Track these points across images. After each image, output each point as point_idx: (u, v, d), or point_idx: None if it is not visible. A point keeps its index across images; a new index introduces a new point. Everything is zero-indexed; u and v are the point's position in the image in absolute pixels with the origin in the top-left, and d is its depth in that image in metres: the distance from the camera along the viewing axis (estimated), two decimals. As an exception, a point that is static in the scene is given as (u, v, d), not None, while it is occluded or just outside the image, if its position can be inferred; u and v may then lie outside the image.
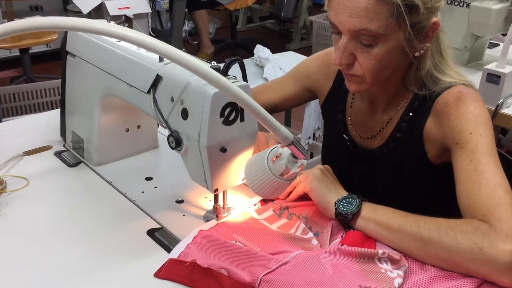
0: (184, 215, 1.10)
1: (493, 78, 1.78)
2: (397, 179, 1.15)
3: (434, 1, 0.97)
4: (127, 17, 3.85)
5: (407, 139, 1.11)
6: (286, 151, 0.95)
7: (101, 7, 3.81)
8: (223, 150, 0.97)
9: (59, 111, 1.39)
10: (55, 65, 4.26)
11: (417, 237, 0.91)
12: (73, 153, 1.34)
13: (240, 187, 1.12)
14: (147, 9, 4.07)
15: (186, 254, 0.95)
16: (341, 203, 1.02)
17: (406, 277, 0.89)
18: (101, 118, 1.24)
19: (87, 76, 1.24)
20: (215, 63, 0.93)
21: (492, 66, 1.80)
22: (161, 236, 1.03)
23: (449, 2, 2.10)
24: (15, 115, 2.36)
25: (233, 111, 0.95)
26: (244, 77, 1.01)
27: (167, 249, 0.99)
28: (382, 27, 0.94)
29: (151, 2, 4.26)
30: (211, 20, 5.15)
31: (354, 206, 1.00)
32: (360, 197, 1.02)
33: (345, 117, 1.23)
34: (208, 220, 1.07)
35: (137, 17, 4.04)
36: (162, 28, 4.76)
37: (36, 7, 4.44)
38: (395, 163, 1.14)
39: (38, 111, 2.39)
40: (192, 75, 0.81)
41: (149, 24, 4.24)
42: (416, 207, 0.97)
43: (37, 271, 0.94)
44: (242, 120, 0.98)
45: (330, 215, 1.04)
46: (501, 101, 1.77)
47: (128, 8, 3.86)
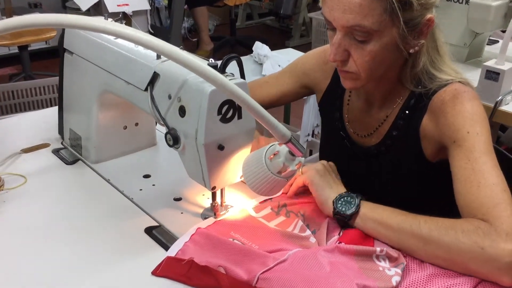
0: (182, 213, 1.10)
1: (492, 75, 1.78)
2: (394, 177, 1.15)
3: None
4: (126, 14, 3.84)
5: (403, 136, 1.11)
6: (284, 149, 0.94)
7: (99, 4, 3.80)
8: (221, 147, 0.97)
9: (57, 108, 1.38)
10: (54, 62, 4.22)
11: (417, 236, 0.90)
12: (71, 151, 1.34)
13: (238, 185, 1.12)
14: (146, 6, 4.07)
15: (184, 252, 0.95)
16: (339, 201, 1.01)
17: (404, 275, 0.89)
18: (98, 115, 1.23)
19: (84, 73, 1.23)
20: (212, 61, 0.93)
21: (491, 63, 1.80)
22: (159, 234, 1.03)
23: (448, -2, 2.10)
24: (14, 112, 2.35)
25: (230, 109, 0.95)
26: (241, 75, 1.01)
27: (165, 247, 0.98)
28: (376, 23, 0.94)
29: (150, -1, 4.25)
30: (210, 17, 5.14)
31: (353, 206, 0.99)
32: (359, 196, 1.01)
33: (342, 114, 1.23)
34: (206, 218, 1.07)
35: (136, 14, 4.03)
36: (161, 25, 4.75)
37: (35, 4, 4.43)
38: (392, 160, 1.14)
39: (37, 108, 2.38)
40: (190, 72, 0.81)
41: (148, 21, 4.24)
42: (413, 204, 0.96)
43: (35, 268, 0.94)
44: (240, 117, 0.98)
45: (327, 211, 1.03)
46: (500, 98, 1.77)
47: (127, 5, 3.85)
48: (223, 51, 4.90)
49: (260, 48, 2.41)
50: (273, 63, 2.34)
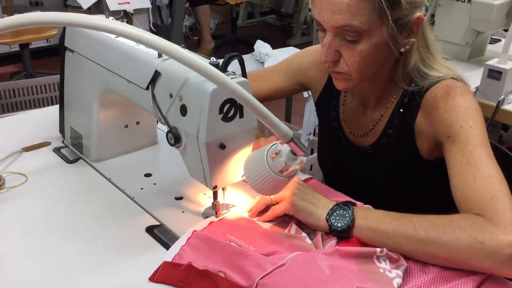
0: (183, 212, 1.10)
1: (495, 74, 1.77)
2: (390, 175, 1.15)
3: None
4: (127, 13, 3.84)
5: (399, 135, 1.10)
6: (286, 148, 0.94)
7: (101, 3, 3.80)
8: (222, 146, 0.97)
9: (58, 107, 1.38)
10: (55, 60, 4.25)
11: (414, 239, 0.88)
12: (71, 149, 1.34)
13: (239, 184, 1.11)
14: (147, 4, 4.07)
15: (181, 256, 0.93)
16: (332, 217, 0.97)
17: (407, 280, 0.87)
18: (100, 114, 1.23)
19: (85, 72, 1.23)
20: (214, 59, 0.92)
21: (493, 62, 1.79)
22: (160, 233, 1.02)
23: (450, -3, 2.09)
24: (15, 110, 2.35)
25: (232, 108, 0.95)
26: (243, 73, 1.00)
27: (166, 246, 0.98)
28: (365, 22, 0.94)
29: (151, -3, 4.25)
30: (211, 15, 5.14)
31: (347, 218, 0.95)
32: (350, 204, 0.98)
33: (338, 114, 1.23)
34: (207, 217, 1.06)
35: (137, 12, 4.03)
36: (162, 24, 4.74)
37: (36, 2, 4.43)
38: (388, 160, 1.14)
39: (38, 106, 2.38)
40: (191, 71, 0.80)
41: (149, 19, 4.24)
42: (410, 203, 0.96)
43: (35, 267, 0.94)
44: (242, 116, 0.97)
45: (324, 230, 0.99)
46: (502, 97, 1.76)
47: (128, 3, 3.85)
48: (224, 49, 4.89)
49: (261, 46, 2.40)
50: (275, 61, 2.34)
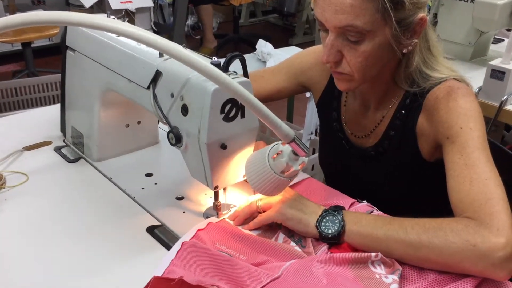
0: (184, 212, 1.10)
1: (498, 74, 1.77)
2: (392, 177, 1.14)
3: None
4: (128, 12, 3.84)
5: (400, 136, 1.10)
6: (287, 148, 0.94)
7: (103, 1, 3.80)
8: (223, 146, 0.96)
9: (59, 106, 1.38)
10: (57, 59, 4.24)
11: (406, 243, 0.87)
12: (73, 149, 1.33)
13: (241, 184, 1.11)
14: (149, 3, 4.06)
15: (171, 271, 0.88)
16: (322, 223, 0.95)
17: (403, 284, 0.86)
18: (101, 113, 1.23)
19: (87, 71, 1.23)
20: (215, 59, 0.92)
21: (496, 62, 1.79)
22: (160, 233, 1.02)
23: (453, -3, 2.09)
24: (17, 109, 2.35)
25: (233, 108, 0.94)
26: (245, 73, 1.00)
27: (167, 246, 0.98)
28: (368, 23, 0.93)
29: (154, -4, 4.25)
30: (214, 14, 5.14)
31: (337, 224, 0.93)
32: (340, 209, 0.96)
33: (339, 115, 1.22)
34: (208, 217, 1.06)
35: (139, 11, 4.03)
36: (164, 23, 4.74)
37: (38, 1, 4.43)
38: (389, 161, 1.13)
39: (40, 105, 2.38)
40: (192, 71, 0.80)
41: (151, 18, 4.23)
42: (413, 204, 0.95)
43: (36, 266, 0.93)
44: (243, 116, 0.97)
45: (314, 236, 0.97)
46: (505, 97, 1.75)
47: (130, 2, 3.85)
48: (226, 48, 4.89)
49: (263, 46, 2.40)
50: (277, 61, 2.33)
